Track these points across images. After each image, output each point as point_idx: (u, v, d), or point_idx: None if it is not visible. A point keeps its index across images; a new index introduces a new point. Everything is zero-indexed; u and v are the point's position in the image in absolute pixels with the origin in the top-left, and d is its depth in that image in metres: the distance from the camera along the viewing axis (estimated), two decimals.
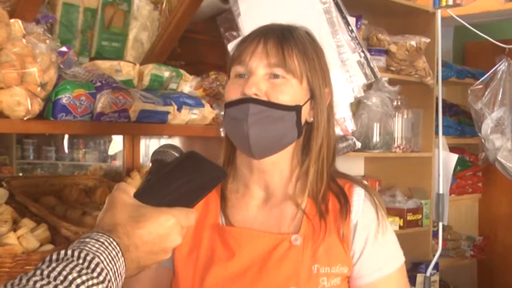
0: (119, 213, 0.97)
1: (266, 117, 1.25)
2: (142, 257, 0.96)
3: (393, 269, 1.32)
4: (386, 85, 3.08)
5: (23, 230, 1.74)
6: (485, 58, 3.85)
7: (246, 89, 1.25)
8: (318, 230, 1.28)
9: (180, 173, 1.04)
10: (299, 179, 1.33)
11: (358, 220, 1.31)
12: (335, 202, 1.32)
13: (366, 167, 3.66)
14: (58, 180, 2.30)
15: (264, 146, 1.27)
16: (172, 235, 0.99)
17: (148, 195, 1.01)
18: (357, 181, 1.37)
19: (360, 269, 1.30)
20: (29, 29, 1.79)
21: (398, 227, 3.25)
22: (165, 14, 2.38)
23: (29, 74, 1.66)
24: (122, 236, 0.94)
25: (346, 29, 2.11)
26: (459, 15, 3.14)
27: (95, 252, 0.88)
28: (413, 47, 3.16)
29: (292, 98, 1.27)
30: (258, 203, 1.34)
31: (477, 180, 4.27)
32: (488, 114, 3.43)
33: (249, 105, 1.25)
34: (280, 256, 1.26)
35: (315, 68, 1.31)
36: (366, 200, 1.33)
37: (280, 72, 1.26)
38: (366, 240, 1.30)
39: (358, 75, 2.11)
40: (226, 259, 1.27)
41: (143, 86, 2.09)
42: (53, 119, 1.74)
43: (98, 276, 0.86)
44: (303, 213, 1.30)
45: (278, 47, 1.27)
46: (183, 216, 1.00)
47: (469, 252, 4.04)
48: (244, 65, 1.28)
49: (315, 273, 1.25)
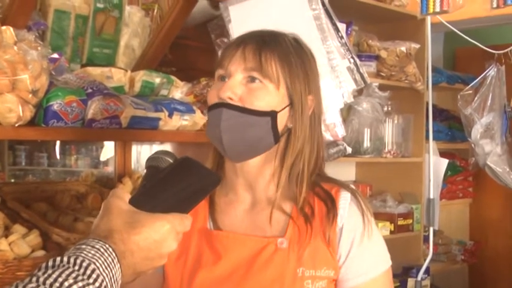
0: (115, 219, 0.97)
1: (239, 123, 1.26)
2: (138, 263, 0.97)
3: (379, 273, 1.33)
4: (376, 90, 3.11)
5: (15, 236, 1.74)
6: (476, 64, 3.87)
7: (221, 92, 1.27)
8: (303, 233, 1.29)
9: (175, 179, 1.05)
10: (280, 183, 1.33)
11: (344, 223, 1.31)
12: (321, 206, 1.32)
13: (357, 172, 3.68)
14: (50, 186, 2.30)
15: (238, 150, 1.29)
16: (168, 241, 1.00)
17: (143, 201, 1.02)
18: (344, 185, 1.38)
19: (346, 272, 1.31)
20: (21, 36, 1.80)
21: (389, 231, 3.27)
22: (156, 20, 2.39)
23: (21, 80, 1.66)
24: (117, 242, 0.94)
25: (336, 35, 2.12)
26: (449, 21, 3.17)
27: (90, 259, 0.88)
28: (404, 52, 3.19)
29: (268, 103, 1.27)
30: (245, 207, 1.36)
31: (468, 185, 4.29)
32: (478, 120, 3.46)
33: (222, 110, 1.27)
34: (266, 259, 1.27)
35: (297, 74, 1.30)
36: (352, 203, 1.34)
37: (256, 76, 1.27)
38: (351, 244, 1.31)
39: (348, 81, 2.13)
40: (213, 263, 1.28)
41: (134, 93, 2.09)
42: (45, 125, 1.74)
43: (94, 283, 0.86)
44: (288, 217, 1.31)
45: (256, 52, 1.28)
46: (178, 221, 1.01)
47: (460, 257, 4.06)
48: (224, 69, 1.30)
49: (300, 276, 1.26)
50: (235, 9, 2.13)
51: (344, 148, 2.83)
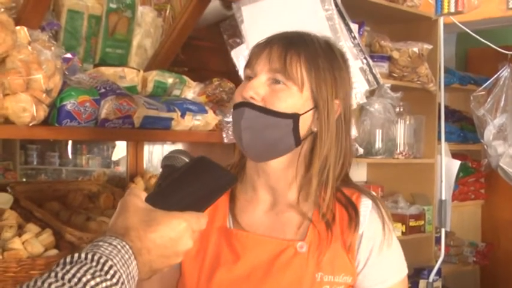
0: (131, 217, 0.98)
1: (259, 123, 1.26)
2: (155, 261, 0.98)
3: (396, 281, 1.33)
4: (388, 91, 3.09)
5: (28, 235, 1.76)
6: (488, 64, 3.86)
7: (244, 92, 1.27)
8: (323, 238, 1.28)
9: (190, 178, 1.06)
10: (303, 187, 1.32)
11: (364, 231, 1.31)
12: (342, 212, 1.31)
13: (369, 173, 3.67)
14: (62, 185, 2.31)
15: (257, 150, 1.29)
16: (184, 239, 1.00)
17: (160, 200, 1.02)
18: (365, 191, 1.36)
19: (364, 279, 1.30)
20: (34, 36, 1.81)
21: (400, 233, 3.26)
22: (169, 20, 2.39)
23: (35, 80, 1.67)
24: (134, 239, 0.95)
25: (349, 35, 2.12)
26: (462, 22, 3.16)
27: (108, 255, 0.89)
28: (416, 53, 3.18)
29: (290, 105, 1.26)
30: (265, 207, 1.35)
31: (480, 186, 4.27)
32: (491, 121, 3.44)
33: (244, 109, 1.26)
34: (285, 262, 1.27)
35: (324, 78, 1.28)
36: (373, 211, 1.33)
37: (280, 78, 1.26)
38: (370, 251, 1.30)
39: (361, 81, 2.12)
40: (232, 262, 1.28)
41: (147, 93, 2.10)
42: (58, 125, 1.76)
43: (112, 279, 0.87)
44: (309, 221, 1.30)
45: (281, 53, 1.27)
46: (194, 220, 1.02)
47: (472, 259, 4.04)
48: (251, 69, 1.30)
49: (318, 281, 1.26)
50: (247, 10, 2.13)
51: (356, 149, 2.84)
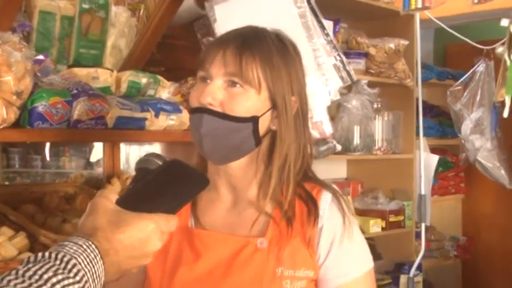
0: (100, 218, 0.98)
1: (219, 128, 1.25)
2: (123, 261, 0.98)
3: (359, 274, 1.32)
4: (365, 87, 3.11)
5: (1, 238, 1.75)
6: (466, 60, 3.87)
7: (202, 97, 1.25)
8: (284, 234, 1.28)
9: (162, 181, 1.06)
10: (263, 184, 1.32)
11: (324, 224, 1.30)
12: (302, 207, 1.31)
13: (348, 169, 3.68)
14: (38, 187, 2.30)
15: (219, 154, 1.29)
16: (153, 240, 1.00)
17: (130, 202, 1.03)
18: (326, 185, 1.36)
19: (325, 272, 1.30)
20: (5, 38, 1.79)
21: (380, 228, 3.27)
22: (143, 20, 2.38)
23: (4, 82, 1.66)
24: (101, 240, 0.95)
25: (322, 32, 2.13)
26: (438, 18, 3.17)
27: (72, 254, 0.89)
28: (392, 49, 3.20)
29: (248, 109, 1.26)
30: (226, 206, 1.36)
31: (459, 180, 4.30)
32: (468, 115, 3.47)
33: (202, 116, 1.26)
34: (246, 259, 1.27)
35: (280, 77, 1.28)
36: (332, 204, 1.32)
37: (237, 81, 1.26)
38: (331, 245, 1.30)
39: (335, 78, 2.13)
40: (193, 261, 1.28)
41: (121, 93, 2.09)
42: (30, 127, 1.74)
43: (75, 277, 0.87)
44: (269, 217, 1.30)
45: (236, 56, 1.25)
46: (163, 221, 1.02)
47: (453, 253, 4.07)
48: (206, 71, 1.29)
49: (279, 275, 1.26)
50: (220, 8, 2.13)
51: (333, 145, 2.84)
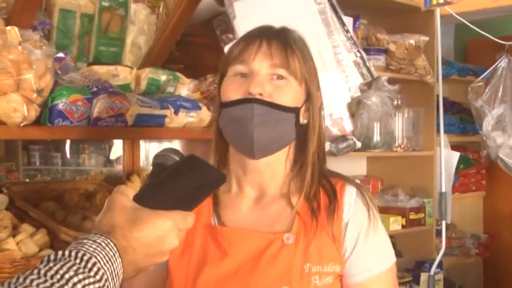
0: (117, 216, 0.98)
1: (269, 118, 1.26)
2: (140, 259, 0.98)
3: (383, 269, 1.32)
4: (385, 84, 3.08)
5: (22, 235, 1.76)
6: (487, 55, 3.83)
7: (251, 88, 1.26)
8: (310, 228, 1.28)
9: (179, 177, 1.05)
10: (293, 179, 1.34)
11: (350, 219, 1.31)
12: (327, 201, 1.32)
13: (368, 166, 3.66)
14: (58, 185, 2.31)
15: (265, 146, 1.29)
16: (170, 237, 1.00)
17: (147, 198, 1.02)
18: (349, 180, 1.37)
19: (351, 267, 1.30)
20: (25, 36, 1.80)
21: (401, 226, 3.25)
22: (162, 17, 2.39)
23: (25, 80, 1.67)
24: (119, 237, 0.95)
25: (342, 29, 2.11)
26: (458, 13, 3.14)
27: (91, 253, 0.89)
28: (413, 45, 3.16)
29: (293, 99, 1.29)
30: (250, 202, 1.35)
31: (481, 178, 4.25)
32: (489, 112, 3.43)
33: (253, 105, 1.26)
34: (272, 255, 1.26)
35: (312, 71, 1.34)
36: (357, 199, 1.33)
37: (283, 73, 1.28)
38: (356, 239, 1.30)
39: (355, 74, 2.12)
40: (219, 259, 1.28)
41: (140, 90, 2.10)
42: (50, 124, 1.75)
43: (95, 276, 0.87)
44: (295, 211, 1.30)
45: (282, 48, 1.29)
46: (180, 219, 1.01)
47: (474, 250, 4.03)
48: (246, 65, 1.29)
49: (307, 272, 1.25)
50: (239, 5, 2.12)
51: (354, 142, 2.83)
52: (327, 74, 2.06)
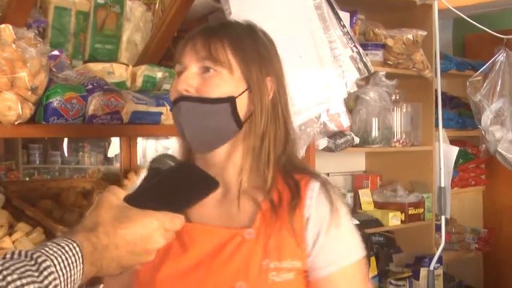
0: (104, 213, 0.99)
1: (198, 113, 1.27)
2: (124, 257, 0.98)
3: (349, 263, 1.30)
4: (383, 79, 3.08)
5: (18, 234, 1.75)
6: (486, 49, 3.82)
7: (178, 86, 1.28)
8: (271, 224, 1.28)
9: (172, 181, 1.08)
10: (252, 172, 1.32)
11: (311, 214, 1.29)
12: (290, 197, 1.31)
13: (367, 162, 3.66)
14: (55, 183, 2.30)
15: (202, 141, 1.30)
16: (155, 237, 1.01)
17: (137, 199, 1.03)
18: (315, 175, 1.36)
19: (313, 262, 1.29)
20: (20, 34, 1.79)
21: (400, 221, 3.25)
22: (158, 14, 2.38)
23: (19, 78, 1.66)
24: (100, 235, 0.95)
25: (338, 24, 2.10)
26: (457, 7, 3.12)
27: (49, 256, 0.89)
28: (410, 40, 3.16)
29: (224, 89, 1.28)
30: (217, 197, 1.34)
31: (480, 172, 4.24)
32: (488, 106, 3.42)
33: (180, 103, 1.28)
34: (232, 250, 1.26)
35: (250, 57, 1.30)
36: (320, 193, 1.31)
37: (209, 64, 1.28)
38: (318, 234, 1.28)
39: (351, 70, 2.10)
40: (179, 255, 1.29)
41: (136, 88, 2.09)
42: (45, 122, 1.75)
43: (43, 281, 0.86)
44: (258, 207, 1.30)
45: (205, 41, 1.29)
46: (167, 220, 1.02)
47: (474, 245, 4.02)
48: (180, 63, 1.32)
49: (265, 268, 1.25)
50: (235, 1, 2.11)
51: (352, 138, 2.83)
52: (323, 69, 2.05)
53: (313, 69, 2.06)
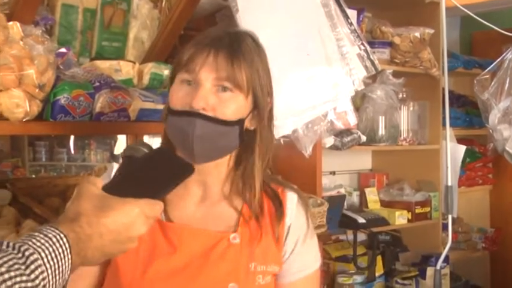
0: (84, 203, 1.00)
1: (211, 132, 1.27)
2: (107, 245, 0.99)
3: (312, 270, 1.41)
4: (390, 77, 3.07)
5: (25, 230, 1.76)
6: (493, 48, 3.80)
7: (194, 102, 1.25)
8: (254, 230, 1.33)
9: (148, 168, 1.11)
10: (234, 181, 1.36)
11: (292, 223, 1.38)
12: (270, 205, 1.37)
13: (373, 160, 3.65)
14: (62, 180, 2.31)
15: (206, 156, 1.31)
16: (137, 224, 1.02)
17: (116, 188, 1.05)
18: (289, 186, 1.43)
19: (287, 268, 1.37)
20: (27, 31, 1.80)
21: (406, 220, 3.24)
22: (165, 12, 2.37)
23: (27, 75, 1.66)
24: (84, 225, 0.96)
25: (345, 22, 2.10)
26: (464, 5, 3.11)
27: (36, 248, 0.89)
28: (417, 38, 3.15)
29: (237, 112, 1.29)
30: (196, 200, 1.37)
31: (487, 171, 4.22)
32: (495, 105, 3.39)
33: (195, 120, 1.26)
34: (220, 253, 1.30)
35: (260, 80, 1.32)
36: (298, 204, 1.40)
37: (228, 86, 1.28)
38: (296, 242, 1.38)
39: (358, 68, 2.10)
40: (168, 254, 1.30)
41: (143, 85, 2.09)
42: (52, 120, 1.75)
43: (30, 274, 0.87)
44: (239, 214, 1.34)
45: (228, 60, 1.27)
46: (148, 206, 1.04)
47: (481, 244, 4.01)
48: (192, 74, 1.28)
49: (252, 270, 1.31)
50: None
51: (358, 136, 2.82)
52: (330, 67, 2.04)
53: (321, 67, 2.06)
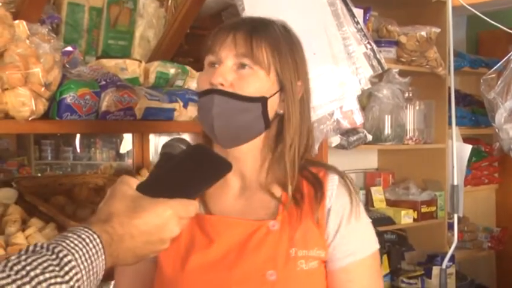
0: (117, 204, 0.99)
1: (230, 108, 1.27)
2: (139, 247, 0.98)
3: (366, 255, 1.34)
4: (396, 76, 3.06)
5: (31, 229, 1.75)
6: (500, 47, 3.79)
7: (213, 78, 1.27)
8: (294, 216, 1.30)
9: (184, 166, 1.07)
10: (270, 168, 1.35)
11: (332, 205, 1.33)
12: (310, 189, 1.34)
13: (379, 159, 3.64)
14: (68, 179, 2.30)
15: (229, 136, 1.30)
16: (170, 225, 1.01)
17: (150, 187, 1.03)
18: (332, 168, 1.40)
19: (333, 252, 1.32)
20: (33, 29, 1.80)
21: (412, 219, 3.23)
22: (171, 10, 2.37)
23: (33, 74, 1.66)
24: (116, 225, 0.95)
25: (352, 21, 2.09)
26: (471, 4, 3.10)
27: (70, 249, 0.88)
28: (424, 37, 3.14)
29: (258, 89, 1.29)
30: (235, 192, 1.37)
31: (493, 170, 4.21)
32: (502, 104, 3.37)
33: (213, 96, 1.27)
34: (258, 241, 1.28)
35: (287, 61, 1.32)
36: (340, 185, 1.35)
37: (247, 62, 1.28)
38: (339, 225, 1.32)
39: (365, 67, 2.09)
40: (206, 246, 1.30)
41: (149, 84, 2.09)
42: (58, 118, 1.75)
43: (64, 276, 0.86)
44: (279, 201, 1.32)
45: (247, 38, 1.29)
46: (181, 207, 1.02)
47: (487, 244, 4.00)
48: (215, 55, 1.31)
49: (293, 256, 1.28)
50: None
51: (364, 135, 2.81)
52: (336, 66, 2.04)
53: (327, 66, 2.05)
